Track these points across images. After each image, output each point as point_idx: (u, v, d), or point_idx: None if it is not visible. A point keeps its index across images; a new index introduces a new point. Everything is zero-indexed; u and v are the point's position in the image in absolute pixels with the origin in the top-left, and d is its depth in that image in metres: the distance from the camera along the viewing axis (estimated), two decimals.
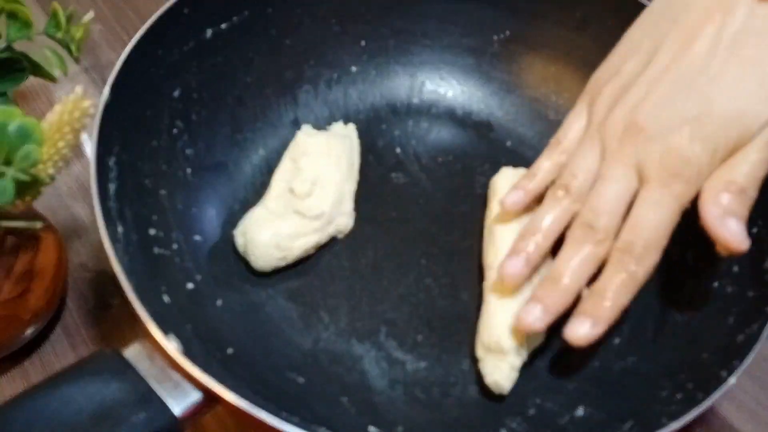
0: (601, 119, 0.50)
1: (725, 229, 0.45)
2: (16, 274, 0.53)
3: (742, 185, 0.46)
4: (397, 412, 0.52)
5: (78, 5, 0.60)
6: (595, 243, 0.47)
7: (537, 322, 0.47)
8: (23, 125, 0.43)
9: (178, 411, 0.41)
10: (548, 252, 0.50)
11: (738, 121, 0.46)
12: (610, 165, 0.48)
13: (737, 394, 0.58)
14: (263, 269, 0.56)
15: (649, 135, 0.47)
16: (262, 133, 0.64)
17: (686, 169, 0.46)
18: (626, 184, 0.48)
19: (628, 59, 0.51)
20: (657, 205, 0.46)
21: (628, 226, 0.47)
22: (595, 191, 0.48)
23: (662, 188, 0.46)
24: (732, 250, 0.45)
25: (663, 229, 0.46)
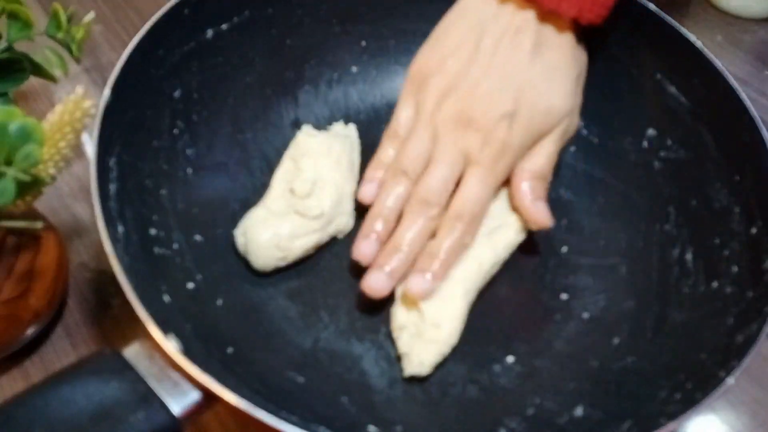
0: (431, 110, 0.57)
1: (537, 210, 0.56)
2: (17, 274, 0.53)
3: (542, 172, 0.57)
4: (397, 411, 0.52)
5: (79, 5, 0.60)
6: (429, 216, 0.55)
7: (383, 287, 0.54)
8: (24, 125, 0.44)
9: (178, 410, 0.41)
10: (393, 228, 0.56)
11: (545, 115, 0.56)
12: (442, 150, 0.56)
13: (737, 393, 0.58)
14: (263, 269, 0.57)
15: (476, 126, 0.55)
16: (263, 133, 0.64)
17: (506, 154, 0.56)
18: (455, 167, 0.56)
19: (450, 57, 0.58)
20: (481, 182, 0.55)
21: (457, 199, 0.55)
22: (428, 172, 0.56)
23: (486, 169, 0.55)
24: (542, 226, 0.57)
25: (486, 201, 0.56)
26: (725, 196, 0.56)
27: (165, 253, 0.53)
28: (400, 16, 0.68)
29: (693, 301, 0.54)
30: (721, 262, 0.54)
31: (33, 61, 0.60)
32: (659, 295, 0.56)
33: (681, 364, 0.50)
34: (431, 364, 0.53)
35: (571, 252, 0.61)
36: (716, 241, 0.55)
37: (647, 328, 0.55)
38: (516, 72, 0.56)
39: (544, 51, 0.56)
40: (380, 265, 0.54)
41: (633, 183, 0.63)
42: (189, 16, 0.58)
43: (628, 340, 0.55)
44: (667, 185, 0.60)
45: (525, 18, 0.56)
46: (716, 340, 0.50)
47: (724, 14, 0.88)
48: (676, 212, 0.59)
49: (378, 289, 0.54)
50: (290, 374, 0.53)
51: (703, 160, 0.58)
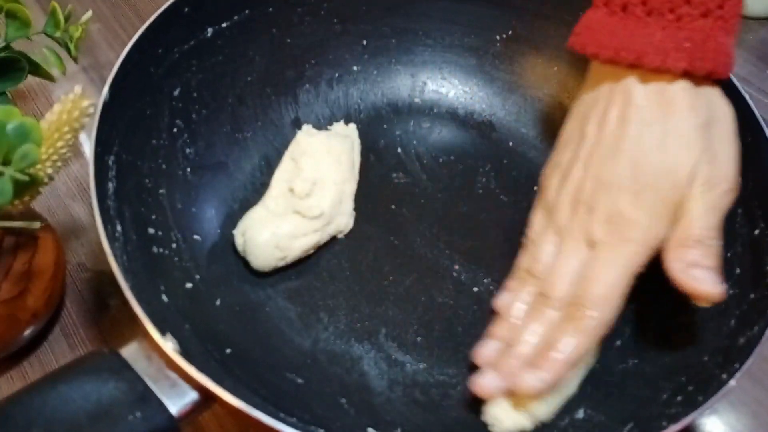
0: (552, 207, 0.54)
1: (691, 279, 0.47)
2: (15, 274, 0.53)
3: (697, 237, 0.48)
4: (396, 413, 0.52)
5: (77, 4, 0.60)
6: (548, 310, 0.50)
7: (491, 386, 0.49)
8: (22, 125, 0.43)
9: (175, 410, 0.41)
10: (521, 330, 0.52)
11: (667, 176, 0.49)
12: (563, 242, 0.52)
13: (738, 394, 0.58)
14: (263, 269, 0.56)
15: (592, 207, 0.51)
16: (263, 132, 0.64)
17: (632, 230, 0.49)
18: (579, 256, 0.51)
19: (563, 152, 0.55)
20: (606, 263, 0.49)
21: (579, 284, 0.50)
22: (552, 267, 0.52)
23: (611, 249, 0.50)
24: (705, 297, 0.47)
25: (614, 285, 0.49)
26: None
27: (163, 253, 0.53)
28: (401, 15, 0.68)
29: None
30: (724, 263, 0.53)
31: (31, 60, 0.60)
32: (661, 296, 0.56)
33: (683, 366, 0.50)
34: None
35: None
36: None
37: (649, 330, 0.55)
38: (624, 144, 0.50)
39: (654, 111, 0.50)
40: (496, 365, 0.50)
41: None
42: (189, 15, 0.57)
43: (630, 342, 0.55)
44: None
45: (626, 85, 0.51)
46: (718, 341, 0.50)
47: None
48: None
49: (490, 391, 0.49)
50: (289, 375, 0.52)
51: None
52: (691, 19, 0.49)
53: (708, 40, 0.49)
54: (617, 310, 0.49)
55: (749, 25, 0.86)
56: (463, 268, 0.59)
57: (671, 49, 0.49)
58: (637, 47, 0.49)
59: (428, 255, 0.60)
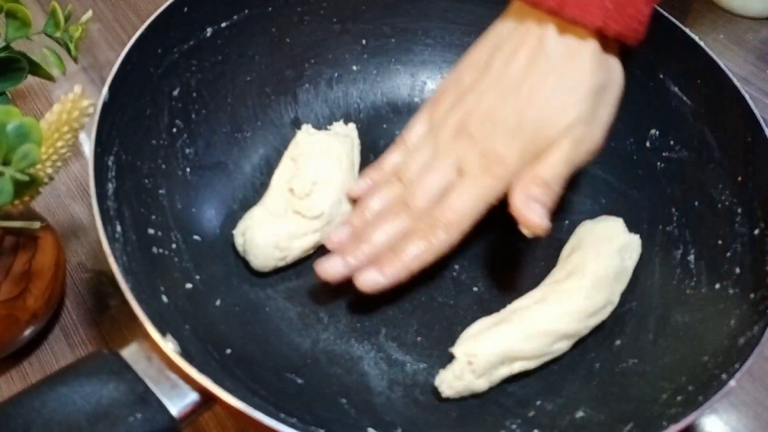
0: (439, 123, 0.57)
1: (529, 210, 0.51)
2: (15, 274, 0.53)
3: (545, 179, 0.52)
4: (397, 413, 0.52)
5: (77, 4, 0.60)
6: (404, 217, 0.55)
7: (336, 272, 0.54)
8: (22, 125, 0.43)
9: (176, 411, 0.41)
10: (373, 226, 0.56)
11: (542, 129, 0.53)
12: (437, 159, 0.56)
13: (738, 394, 0.58)
14: (262, 269, 0.56)
15: (474, 138, 0.55)
16: (262, 132, 0.64)
17: (498, 167, 0.54)
18: (445, 176, 0.55)
19: (465, 72, 0.58)
20: (465, 194, 0.54)
21: (438, 206, 0.54)
22: (418, 178, 0.56)
23: (472, 180, 0.54)
24: (533, 229, 0.51)
25: (468, 213, 0.54)
26: (728, 197, 0.55)
27: (163, 253, 0.53)
28: (400, 15, 0.68)
29: (695, 302, 0.54)
30: (724, 263, 0.54)
31: (31, 60, 0.60)
32: (661, 296, 0.56)
33: (683, 366, 0.50)
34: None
35: None
36: (719, 243, 0.55)
37: (649, 329, 0.55)
38: (522, 86, 0.53)
39: (557, 63, 0.53)
40: (343, 252, 0.54)
41: (635, 183, 0.62)
42: (188, 14, 0.57)
43: (630, 342, 0.55)
44: (670, 186, 0.60)
45: (543, 32, 0.53)
46: (718, 342, 0.49)
47: (726, 13, 0.88)
48: (678, 213, 0.59)
49: (330, 273, 0.53)
50: (289, 375, 0.52)
51: (706, 161, 0.58)
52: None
53: (628, 5, 0.51)
54: (464, 234, 0.54)
55: (749, 25, 0.86)
56: (463, 267, 0.59)
57: (592, 5, 0.51)
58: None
59: None
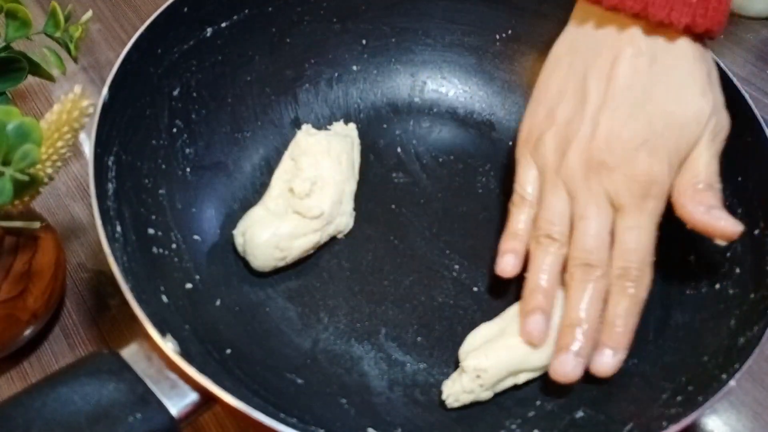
0: (556, 165, 0.52)
1: (716, 220, 0.49)
2: (15, 274, 0.53)
3: (707, 181, 0.50)
4: (397, 413, 0.52)
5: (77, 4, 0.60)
6: (596, 279, 0.50)
7: (576, 370, 0.49)
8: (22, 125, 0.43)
9: (175, 411, 0.41)
10: (554, 299, 0.52)
11: (682, 129, 0.50)
12: (583, 204, 0.51)
13: (738, 395, 0.58)
14: (262, 269, 0.56)
15: (610, 166, 0.50)
16: (263, 132, 0.64)
17: (653, 187, 0.49)
18: (605, 217, 0.51)
19: (558, 105, 0.53)
20: (638, 228, 0.50)
21: (618, 254, 0.50)
22: (579, 232, 0.51)
23: (638, 211, 0.50)
24: (731, 236, 0.49)
25: (648, 247, 0.50)
26: (728, 197, 0.55)
27: (163, 253, 0.53)
28: (401, 14, 0.68)
29: (695, 302, 0.54)
30: (724, 263, 0.54)
31: (31, 60, 0.60)
32: (662, 296, 0.56)
33: (683, 366, 0.50)
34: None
35: None
36: None
37: (649, 329, 0.55)
38: (636, 96, 0.50)
39: (663, 64, 0.50)
40: (566, 346, 0.49)
41: None
42: (188, 14, 0.57)
43: None
44: None
45: (632, 37, 0.50)
46: (718, 342, 0.50)
47: None
48: None
49: (572, 375, 0.49)
50: (289, 375, 0.52)
51: None
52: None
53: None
54: (653, 267, 0.50)
55: (749, 25, 0.86)
56: (463, 267, 0.59)
57: (677, 3, 0.49)
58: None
59: (428, 255, 0.60)
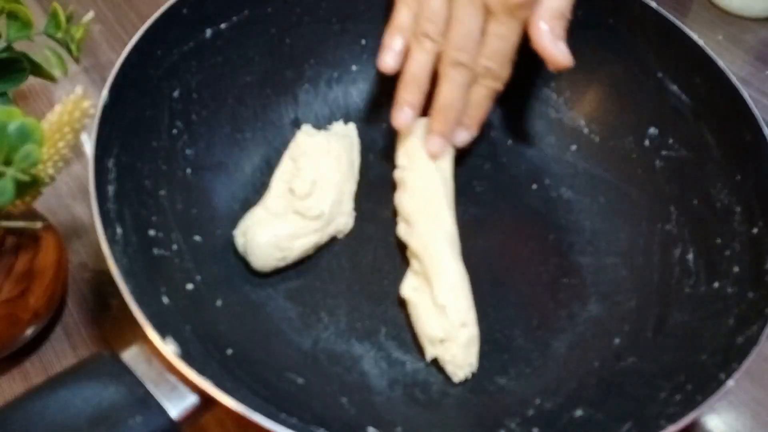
0: None
1: (556, 48, 0.56)
2: (16, 274, 0.53)
3: (560, 9, 0.56)
4: (397, 412, 0.52)
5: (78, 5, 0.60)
6: (462, 75, 0.58)
7: (441, 148, 0.59)
8: (23, 125, 0.43)
9: (175, 414, 0.41)
10: (426, 93, 0.59)
11: None
12: (460, 6, 0.56)
13: (737, 394, 0.58)
14: (263, 269, 0.56)
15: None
16: (263, 132, 0.64)
17: (521, 9, 0.55)
18: (477, 20, 0.56)
19: None
20: (506, 33, 0.56)
21: (485, 54, 0.57)
22: (453, 32, 0.57)
23: (508, 17, 0.56)
24: (560, 65, 0.56)
25: (512, 49, 0.58)
26: (727, 196, 0.56)
27: (164, 254, 0.53)
28: None
29: (694, 301, 0.54)
30: (723, 262, 0.54)
31: (32, 61, 0.60)
32: (660, 295, 0.56)
33: (681, 365, 0.50)
34: (476, 361, 0.54)
35: (571, 251, 0.61)
36: (717, 241, 0.55)
37: (648, 328, 0.55)
38: None
39: None
40: (434, 129, 0.59)
41: (634, 182, 0.62)
42: (188, 16, 0.57)
43: (629, 340, 0.55)
44: (669, 184, 0.60)
45: None
46: (717, 341, 0.50)
47: (725, 14, 0.88)
48: (677, 212, 0.59)
49: (438, 151, 0.59)
50: (290, 375, 0.52)
51: (705, 160, 0.58)
52: None
53: None
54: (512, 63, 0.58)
55: (749, 25, 0.86)
56: None
57: None
58: None
59: None
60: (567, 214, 0.63)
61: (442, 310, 0.53)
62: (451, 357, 0.52)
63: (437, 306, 0.53)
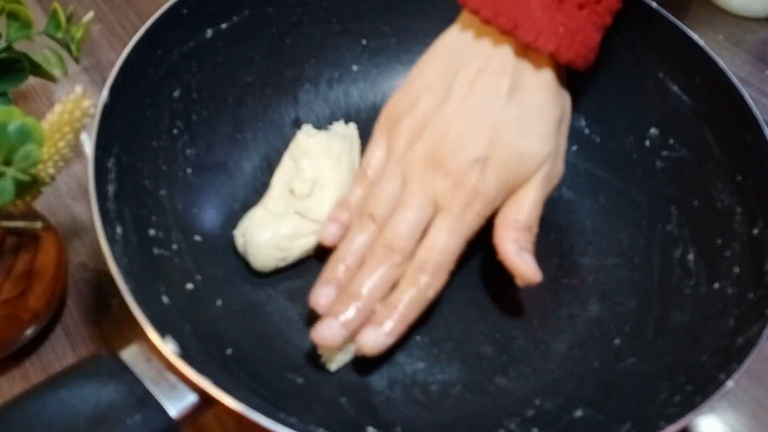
0: (402, 151, 0.54)
1: (523, 263, 0.52)
2: (16, 274, 0.53)
3: (527, 223, 0.53)
4: (396, 412, 0.52)
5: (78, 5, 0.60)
6: (392, 264, 0.51)
7: (336, 338, 0.50)
8: (23, 125, 0.43)
9: (175, 413, 0.41)
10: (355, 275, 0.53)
11: (520, 160, 0.53)
12: (410, 194, 0.53)
13: (737, 394, 0.58)
14: (263, 270, 0.56)
15: (446, 170, 0.52)
16: (263, 132, 0.64)
17: (476, 202, 0.52)
18: (423, 213, 0.52)
19: (423, 96, 0.55)
20: (449, 231, 0.52)
21: (423, 248, 0.52)
22: (395, 217, 0.52)
23: (456, 217, 0.52)
24: (530, 281, 0.52)
25: (453, 252, 0.52)
26: (727, 196, 0.56)
27: (164, 254, 0.53)
28: (401, 14, 0.68)
29: (694, 302, 0.54)
30: (723, 262, 0.54)
31: (32, 61, 0.60)
32: (660, 295, 0.56)
33: (681, 365, 0.50)
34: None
35: (571, 252, 0.61)
36: (718, 242, 0.55)
37: (648, 328, 0.55)
38: (490, 114, 0.52)
39: (522, 92, 0.53)
40: (335, 313, 0.50)
41: (635, 182, 0.62)
42: (188, 16, 0.57)
43: (629, 341, 0.55)
44: (669, 185, 0.60)
45: (502, 55, 0.53)
46: (717, 341, 0.50)
47: (725, 14, 0.88)
48: (678, 212, 0.59)
49: (329, 339, 0.50)
50: (289, 375, 0.52)
51: (706, 160, 0.58)
52: (571, 7, 0.51)
53: (579, 32, 0.52)
54: (449, 274, 0.53)
55: (749, 25, 0.86)
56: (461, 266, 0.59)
57: (546, 30, 0.51)
58: (516, 17, 0.51)
59: None
60: (568, 214, 0.63)
61: None
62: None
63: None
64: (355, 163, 0.62)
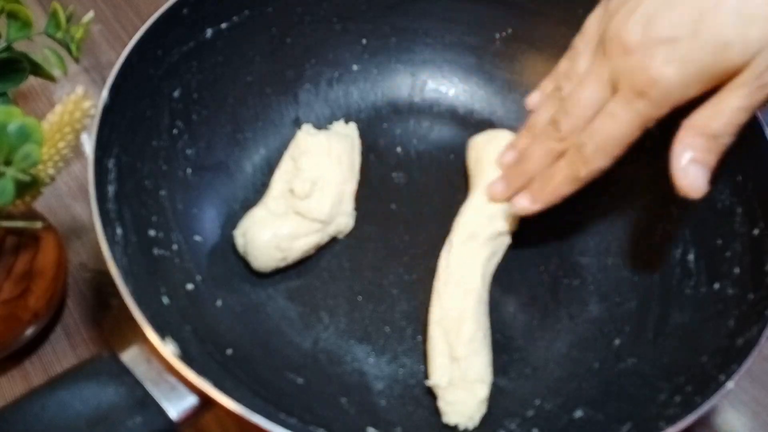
0: (606, 21, 0.50)
1: (686, 176, 0.47)
2: (16, 274, 0.53)
3: (717, 131, 0.46)
4: (396, 412, 0.52)
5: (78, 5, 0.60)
6: (556, 140, 0.53)
7: (501, 193, 0.56)
8: (23, 125, 0.43)
9: (175, 414, 0.41)
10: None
11: (721, 50, 0.44)
12: (589, 74, 0.51)
13: (737, 394, 0.58)
14: (263, 269, 0.56)
15: (627, 49, 0.47)
16: (263, 132, 0.64)
17: (653, 89, 0.46)
18: (598, 93, 0.50)
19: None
20: (616, 117, 0.49)
21: (587, 130, 0.51)
22: (570, 95, 0.52)
23: (626, 103, 0.48)
24: (689, 195, 0.47)
25: (617, 138, 0.49)
26: (728, 197, 0.55)
27: (164, 254, 0.53)
28: (401, 14, 0.68)
29: (694, 302, 0.54)
30: (723, 263, 0.54)
31: (32, 61, 0.60)
32: (661, 296, 0.56)
33: (681, 366, 0.50)
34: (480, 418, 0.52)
35: (572, 252, 0.61)
36: (718, 242, 0.55)
37: (648, 329, 0.55)
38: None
39: None
40: (507, 175, 0.57)
41: (635, 182, 0.62)
42: (188, 16, 0.57)
43: (629, 341, 0.55)
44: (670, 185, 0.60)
45: None
46: (717, 342, 0.50)
47: None
48: (678, 212, 0.59)
49: (495, 195, 0.56)
50: (290, 375, 0.52)
51: None
52: None
53: None
54: (616, 160, 0.50)
55: None
56: None
57: None
58: None
59: (428, 254, 0.60)
60: (568, 214, 0.63)
61: (455, 361, 0.52)
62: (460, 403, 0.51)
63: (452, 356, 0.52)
64: (356, 163, 0.62)
